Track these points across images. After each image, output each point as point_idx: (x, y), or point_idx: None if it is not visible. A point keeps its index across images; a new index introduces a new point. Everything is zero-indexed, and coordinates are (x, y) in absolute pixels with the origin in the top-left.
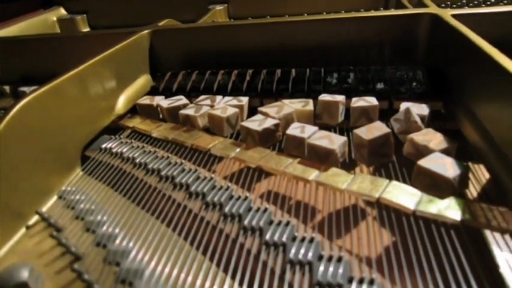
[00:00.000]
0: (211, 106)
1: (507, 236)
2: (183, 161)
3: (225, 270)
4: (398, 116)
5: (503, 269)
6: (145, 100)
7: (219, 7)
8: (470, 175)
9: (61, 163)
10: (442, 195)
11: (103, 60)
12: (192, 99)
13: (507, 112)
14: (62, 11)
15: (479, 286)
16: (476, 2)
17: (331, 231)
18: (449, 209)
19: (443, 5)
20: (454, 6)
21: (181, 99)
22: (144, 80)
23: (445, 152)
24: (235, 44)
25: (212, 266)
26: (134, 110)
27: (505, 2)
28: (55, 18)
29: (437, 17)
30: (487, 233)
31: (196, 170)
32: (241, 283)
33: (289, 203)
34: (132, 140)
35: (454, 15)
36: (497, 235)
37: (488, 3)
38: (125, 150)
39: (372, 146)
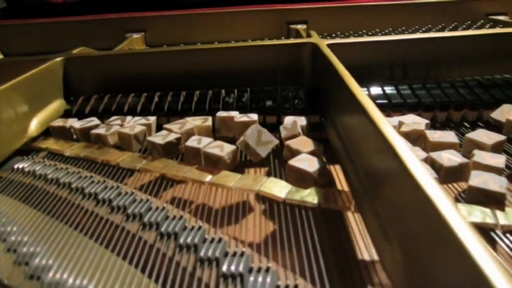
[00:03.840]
0: (122, 125)
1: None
2: (93, 174)
3: (117, 254)
4: (285, 125)
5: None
6: (59, 122)
7: (136, 35)
8: (334, 171)
9: None
10: (306, 186)
11: (14, 85)
12: (104, 120)
13: (349, 122)
14: None
15: (324, 255)
16: (360, 33)
17: (216, 220)
18: (309, 195)
19: (333, 35)
20: (343, 36)
21: (94, 120)
22: (57, 104)
23: (312, 153)
24: (144, 69)
25: (106, 252)
26: (48, 133)
27: (384, 32)
28: None
29: (316, 46)
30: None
31: (104, 181)
32: (125, 257)
33: (188, 204)
34: (45, 160)
35: (328, 45)
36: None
37: (370, 34)
38: (37, 168)
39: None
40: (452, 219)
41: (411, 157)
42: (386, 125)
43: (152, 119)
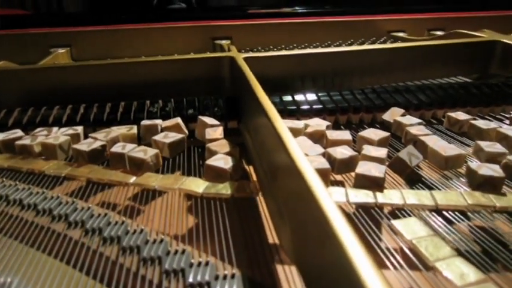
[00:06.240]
0: (48, 136)
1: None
2: (18, 183)
3: (42, 252)
4: (207, 131)
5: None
6: None
7: (61, 50)
8: (249, 170)
9: None
10: (222, 181)
11: None
12: (29, 132)
13: (257, 125)
14: None
15: (234, 238)
16: (279, 48)
17: (140, 216)
18: (223, 188)
19: (255, 50)
20: (263, 50)
21: (17, 132)
22: None
23: (229, 154)
24: (69, 83)
25: (31, 250)
26: None
27: (300, 47)
28: None
29: (233, 59)
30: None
31: (29, 188)
32: (50, 254)
33: (114, 205)
34: None
35: (244, 58)
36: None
37: (287, 48)
38: None
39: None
40: (323, 202)
41: (298, 152)
42: (281, 126)
43: (80, 129)
